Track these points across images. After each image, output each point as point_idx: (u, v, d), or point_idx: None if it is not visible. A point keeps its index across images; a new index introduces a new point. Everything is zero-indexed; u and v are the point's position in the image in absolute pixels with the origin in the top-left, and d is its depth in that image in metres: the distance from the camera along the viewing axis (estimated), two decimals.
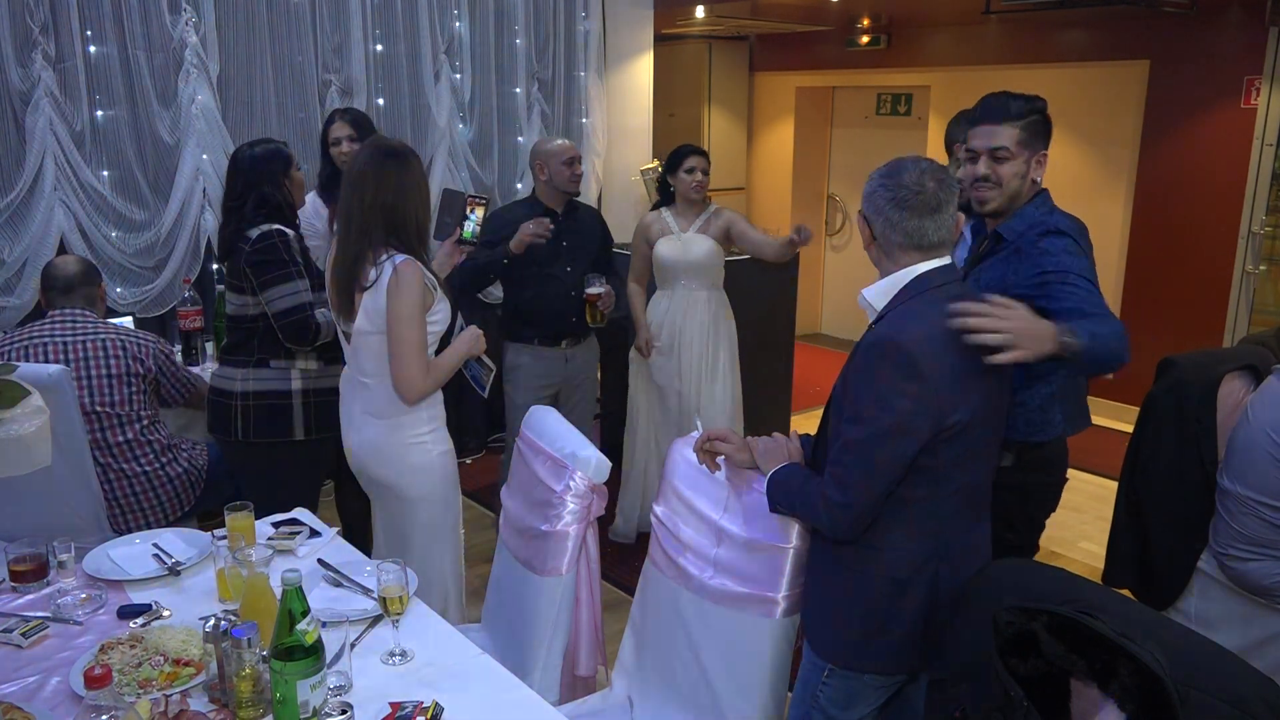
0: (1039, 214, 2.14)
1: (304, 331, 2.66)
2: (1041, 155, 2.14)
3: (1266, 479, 2.21)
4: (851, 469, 1.66)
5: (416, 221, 2.33)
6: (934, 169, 1.70)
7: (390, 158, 2.30)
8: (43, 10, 3.34)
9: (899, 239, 1.70)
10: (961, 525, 1.76)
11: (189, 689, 1.65)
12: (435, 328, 2.38)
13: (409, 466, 2.42)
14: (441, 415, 2.49)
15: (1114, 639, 1.33)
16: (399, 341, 2.27)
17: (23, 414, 1.79)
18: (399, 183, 2.29)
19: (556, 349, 3.60)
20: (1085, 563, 3.82)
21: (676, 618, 2.05)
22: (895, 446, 1.63)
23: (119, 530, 2.83)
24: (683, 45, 7.09)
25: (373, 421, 2.42)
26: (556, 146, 3.51)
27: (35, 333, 2.81)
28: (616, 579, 3.61)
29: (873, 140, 7.10)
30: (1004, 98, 2.15)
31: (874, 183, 1.73)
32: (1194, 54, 5.03)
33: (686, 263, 3.64)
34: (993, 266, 2.16)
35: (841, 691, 1.83)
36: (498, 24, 4.52)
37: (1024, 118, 2.11)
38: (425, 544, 2.47)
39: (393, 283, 2.25)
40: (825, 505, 1.69)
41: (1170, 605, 2.52)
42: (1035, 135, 2.12)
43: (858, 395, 1.67)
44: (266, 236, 2.66)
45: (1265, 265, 5.01)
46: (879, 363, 1.64)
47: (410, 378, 2.30)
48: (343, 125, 3.39)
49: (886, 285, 1.74)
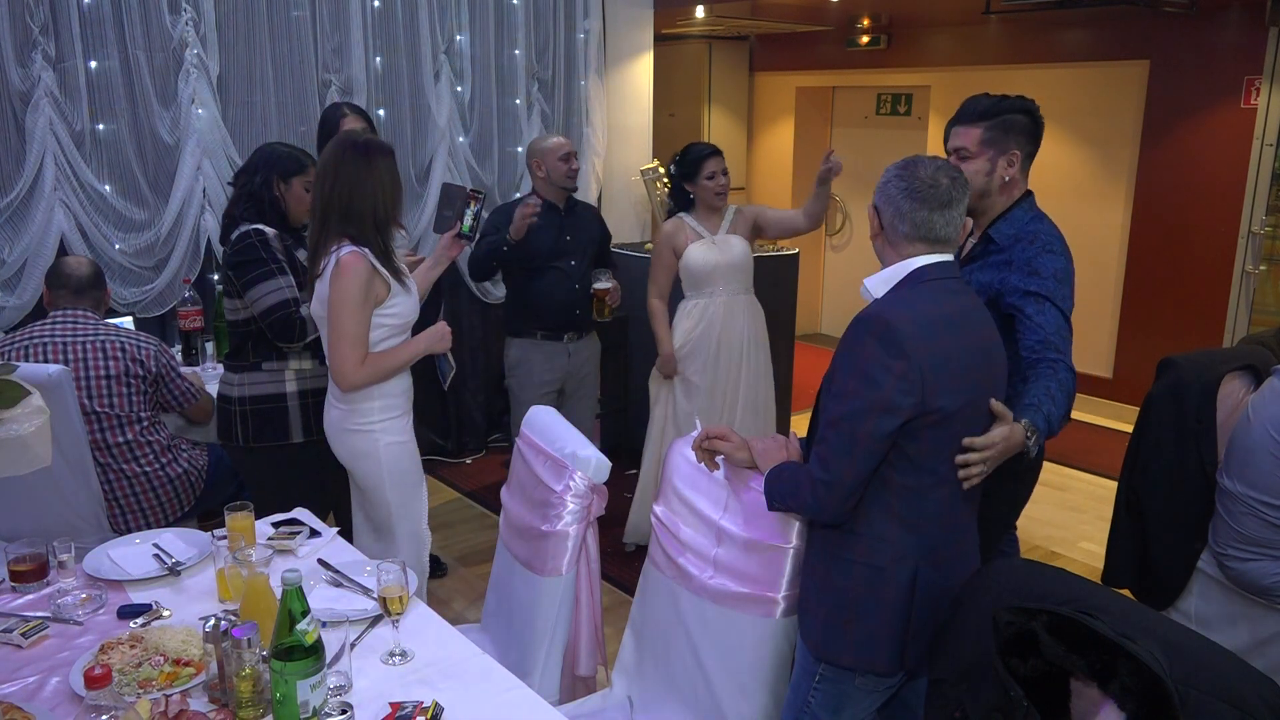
0: (1027, 217, 2.16)
1: (289, 328, 2.65)
2: (1012, 155, 2.15)
3: (1266, 477, 2.21)
4: (834, 445, 1.67)
5: (375, 215, 2.35)
6: (949, 168, 1.75)
7: (352, 151, 2.34)
8: (43, 10, 3.34)
9: (906, 229, 1.73)
10: (945, 524, 1.76)
11: (189, 689, 1.65)
12: (394, 320, 2.42)
13: (353, 451, 2.49)
14: (401, 407, 2.51)
15: (1114, 639, 1.33)
16: (333, 330, 2.34)
17: (23, 414, 1.79)
18: (356, 176, 2.33)
19: (560, 343, 3.61)
20: (1085, 563, 3.82)
21: (676, 618, 2.05)
22: (878, 422, 1.63)
23: (119, 530, 2.83)
24: (683, 45, 7.09)
25: (334, 403, 2.50)
26: (552, 143, 3.52)
27: (35, 333, 2.82)
28: (616, 579, 3.61)
29: (873, 140, 7.10)
30: (976, 99, 2.19)
31: (889, 174, 1.77)
32: (1194, 54, 5.03)
33: (727, 265, 3.46)
34: (984, 270, 2.18)
35: (832, 696, 1.83)
36: (498, 26, 4.52)
37: (990, 118, 2.14)
38: (381, 532, 2.53)
39: (335, 272, 2.31)
40: (810, 484, 1.70)
41: (1170, 605, 2.52)
42: (1004, 134, 2.14)
43: (843, 370, 1.69)
44: (244, 237, 2.66)
45: (1265, 265, 5.00)
46: (866, 338, 1.66)
47: (341, 366, 2.35)
48: (355, 119, 3.38)
49: (888, 275, 1.76)
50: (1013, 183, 2.18)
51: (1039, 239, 2.11)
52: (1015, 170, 2.16)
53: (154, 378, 2.92)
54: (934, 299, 1.70)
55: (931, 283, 1.72)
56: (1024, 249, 2.12)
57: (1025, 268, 2.10)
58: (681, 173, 3.51)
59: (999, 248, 2.16)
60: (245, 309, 2.71)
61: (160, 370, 2.93)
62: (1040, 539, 4.11)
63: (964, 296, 1.77)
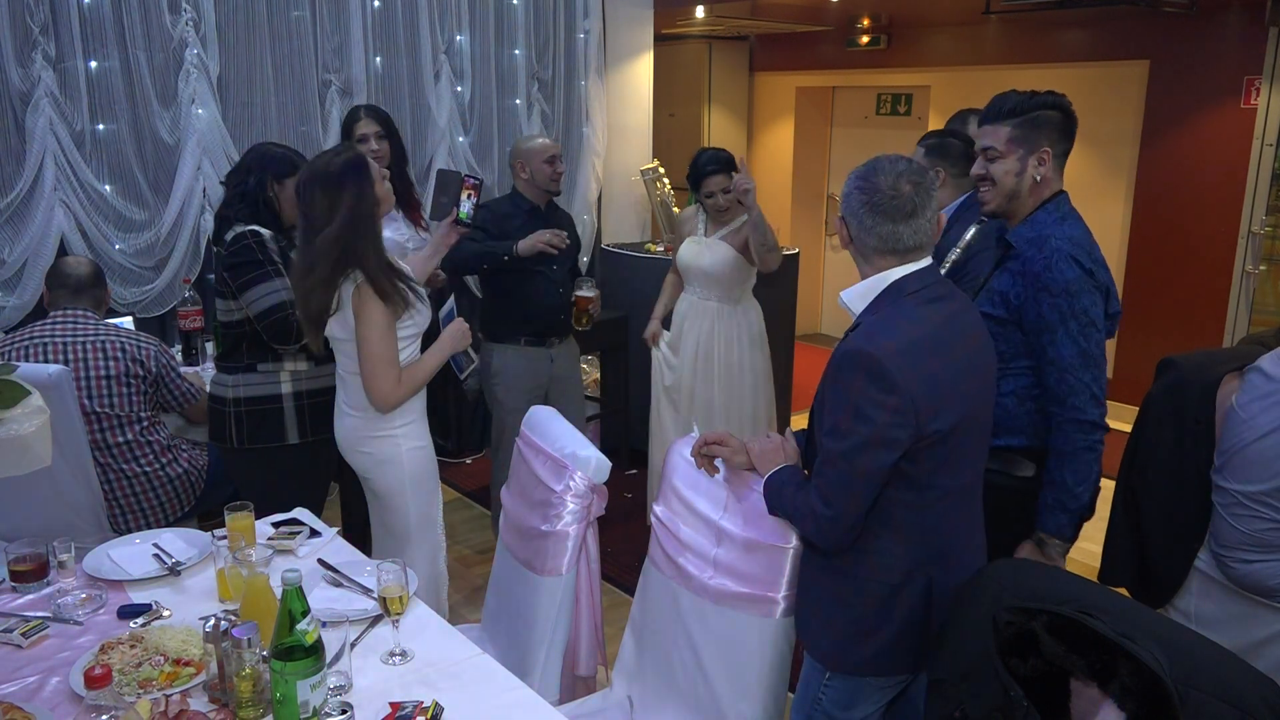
0: (1050, 220, 2.07)
1: (286, 330, 2.63)
2: (1044, 153, 2.07)
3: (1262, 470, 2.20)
4: (834, 482, 1.65)
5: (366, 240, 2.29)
6: (911, 171, 1.66)
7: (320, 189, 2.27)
8: (43, 10, 3.34)
9: (874, 243, 1.68)
10: (952, 529, 1.76)
11: (189, 689, 1.65)
12: (413, 329, 2.41)
13: (377, 459, 2.46)
14: (419, 410, 2.50)
15: (1113, 639, 1.33)
16: (367, 358, 2.31)
17: (23, 414, 1.80)
18: (332, 214, 2.26)
19: (543, 348, 3.56)
20: (1085, 563, 3.82)
21: (676, 618, 2.05)
22: (875, 457, 1.61)
23: (119, 530, 2.83)
24: (683, 45, 7.09)
25: (350, 412, 2.47)
26: (538, 145, 3.46)
27: (35, 333, 2.82)
28: (616, 579, 3.61)
29: (873, 140, 7.10)
30: (1004, 96, 2.11)
31: (850, 184, 1.70)
32: (1194, 54, 5.03)
33: (698, 268, 3.60)
34: (1001, 277, 2.12)
35: (843, 693, 1.83)
36: (498, 26, 4.52)
37: (1019, 115, 2.06)
38: (401, 540, 2.50)
39: (356, 300, 2.28)
40: (814, 519, 1.69)
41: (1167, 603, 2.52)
42: (1033, 131, 2.06)
43: (834, 407, 1.66)
44: (240, 238, 2.65)
45: (1265, 265, 5.00)
46: (854, 375, 1.62)
47: (381, 390, 2.33)
48: (369, 122, 3.35)
49: (864, 288, 1.72)
50: (1044, 182, 2.09)
51: (1047, 245, 2.02)
52: (1047, 169, 2.08)
53: (154, 378, 2.91)
54: (916, 316, 1.66)
55: (912, 296, 1.67)
56: (1034, 257, 2.03)
57: (1035, 282, 2.02)
58: (690, 177, 3.58)
59: (1016, 253, 2.09)
60: (239, 310, 2.69)
61: (160, 370, 2.93)
62: None
63: (946, 304, 1.71)
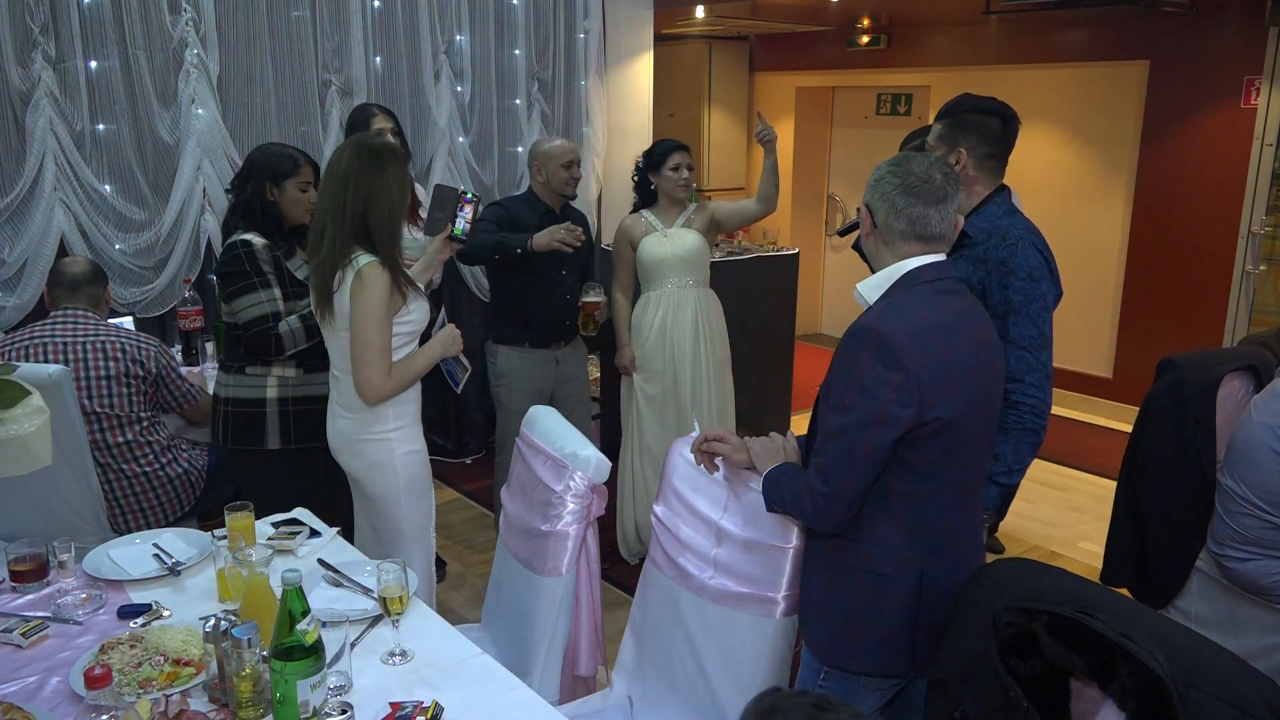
0: (1000, 213, 2.21)
1: (265, 345, 2.62)
2: (959, 152, 2.21)
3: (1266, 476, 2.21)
4: (834, 458, 1.66)
5: (389, 226, 2.32)
6: (941, 164, 1.75)
7: (367, 157, 2.30)
8: (43, 10, 3.34)
9: (901, 226, 1.71)
10: (950, 524, 1.76)
11: (189, 689, 1.65)
12: (410, 327, 2.40)
13: (370, 462, 2.44)
14: (412, 414, 2.49)
15: (1114, 639, 1.33)
16: (359, 344, 2.30)
17: (23, 414, 1.79)
18: (370, 185, 2.29)
19: (548, 350, 3.56)
20: (1085, 563, 3.82)
21: (676, 617, 2.05)
22: (877, 435, 1.63)
23: (119, 530, 2.83)
24: (683, 45, 7.09)
25: (343, 413, 2.46)
26: (556, 148, 3.47)
27: (36, 333, 2.82)
28: (616, 579, 3.61)
29: (873, 140, 7.10)
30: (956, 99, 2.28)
31: (881, 170, 1.75)
32: (1194, 54, 5.03)
33: (675, 257, 3.55)
34: (960, 264, 2.21)
35: (838, 693, 1.83)
36: (498, 26, 4.52)
37: (949, 115, 2.24)
38: (391, 543, 2.48)
39: (356, 285, 2.27)
40: (810, 496, 1.69)
41: (1168, 604, 2.52)
42: (955, 132, 2.22)
43: (840, 382, 1.68)
44: (231, 248, 2.65)
45: (1265, 265, 5.01)
46: (861, 350, 1.64)
47: (369, 379, 2.32)
48: (385, 118, 3.34)
49: (880, 278, 1.75)
50: (969, 180, 2.22)
51: (1010, 234, 2.16)
52: (964, 167, 2.21)
53: (154, 378, 2.92)
54: (929, 304, 1.68)
55: (926, 285, 1.70)
56: (996, 245, 2.16)
57: (1000, 267, 2.15)
58: (648, 164, 3.60)
59: (972, 241, 2.20)
60: (231, 315, 2.70)
61: (160, 371, 2.93)
62: (1040, 539, 4.11)
63: (959, 298, 1.75)
